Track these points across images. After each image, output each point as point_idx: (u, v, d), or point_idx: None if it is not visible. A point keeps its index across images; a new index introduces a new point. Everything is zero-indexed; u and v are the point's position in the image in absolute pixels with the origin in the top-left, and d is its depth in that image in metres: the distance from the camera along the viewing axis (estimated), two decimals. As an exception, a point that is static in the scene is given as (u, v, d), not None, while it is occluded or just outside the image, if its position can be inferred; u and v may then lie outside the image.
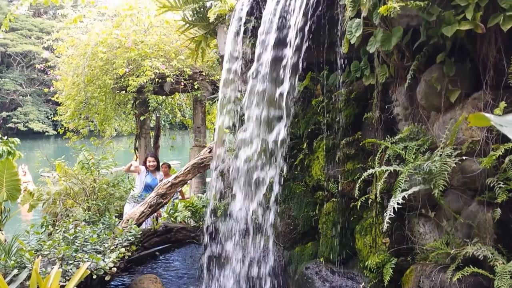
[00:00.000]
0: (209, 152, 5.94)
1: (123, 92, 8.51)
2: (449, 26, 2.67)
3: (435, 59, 3.01)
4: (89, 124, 10.01)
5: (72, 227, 4.71)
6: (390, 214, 2.87)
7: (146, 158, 7.35)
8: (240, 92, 4.85)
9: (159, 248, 5.96)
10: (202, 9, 5.38)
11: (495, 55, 2.75)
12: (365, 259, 3.66)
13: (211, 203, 5.33)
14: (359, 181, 3.36)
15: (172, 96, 10.66)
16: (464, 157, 2.81)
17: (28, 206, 7.49)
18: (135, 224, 5.27)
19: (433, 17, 2.71)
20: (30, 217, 10.59)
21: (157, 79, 7.89)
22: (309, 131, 4.40)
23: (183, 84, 8.11)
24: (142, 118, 9.75)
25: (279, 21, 3.92)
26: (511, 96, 2.72)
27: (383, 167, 3.17)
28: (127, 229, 5.01)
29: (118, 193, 6.54)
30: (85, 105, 9.06)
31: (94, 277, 4.00)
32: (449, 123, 2.96)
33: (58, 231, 4.70)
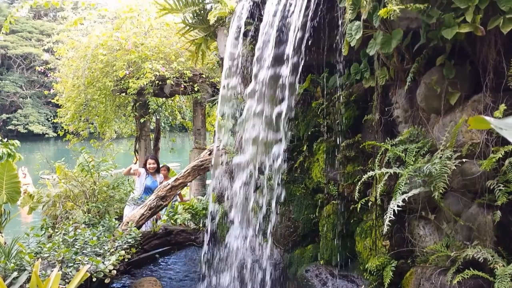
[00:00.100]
0: (209, 154, 5.93)
1: (123, 94, 8.51)
2: (449, 29, 2.67)
3: (435, 62, 3.01)
4: (89, 126, 10.00)
5: (72, 230, 4.69)
6: (390, 217, 2.86)
7: (146, 160, 7.33)
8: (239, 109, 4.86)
9: (159, 250, 5.93)
10: (202, 11, 5.39)
11: (495, 57, 2.76)
12: (365, 261, 3.65)
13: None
14: (359, 183, 3.36)
15: (172, 98, 10.64)
16: (464, 160, 2.81)
17: (28, 208, 7.51)
18: (135, 226, 5.26)
19: (433, 19, 2.72)
20: (30, 220, 10.60)
21: (157, 81, 7.88)
22: (309, 134, 4.40)
23: (183, 86, 8.11)
24: (142, 120, 9.75)
25: (279, 22, 3.93)
26: (511, 98, 2.72)
27: (383, 170, 3.18)
28: (127, 232, 5.01)
29: (118, 195, 6.55)
30: (85, 107, 9.05)
31: (94, 279, 3.99)
32: (449, 125, 2.97)
33: (58, 233, 4.69)
